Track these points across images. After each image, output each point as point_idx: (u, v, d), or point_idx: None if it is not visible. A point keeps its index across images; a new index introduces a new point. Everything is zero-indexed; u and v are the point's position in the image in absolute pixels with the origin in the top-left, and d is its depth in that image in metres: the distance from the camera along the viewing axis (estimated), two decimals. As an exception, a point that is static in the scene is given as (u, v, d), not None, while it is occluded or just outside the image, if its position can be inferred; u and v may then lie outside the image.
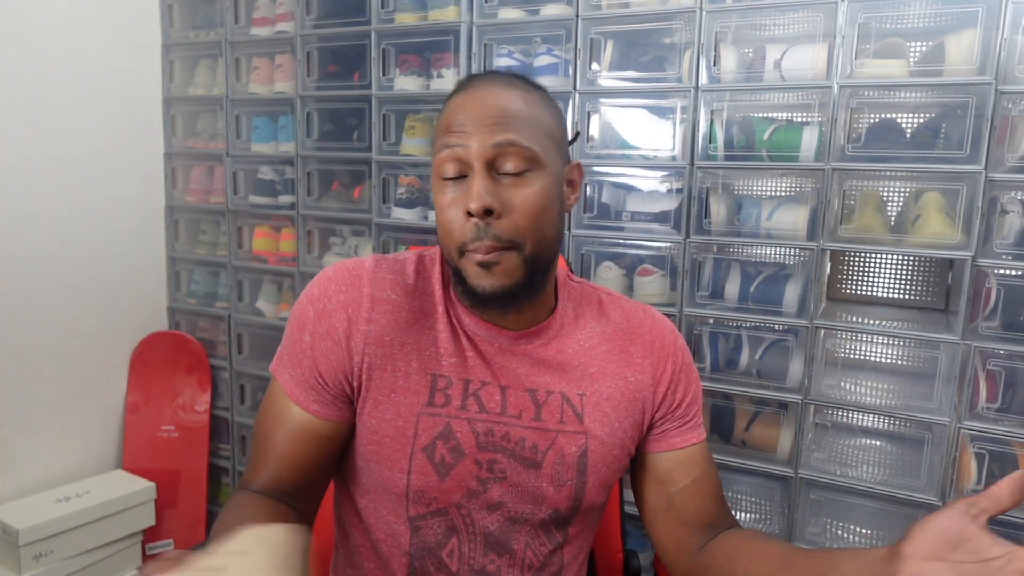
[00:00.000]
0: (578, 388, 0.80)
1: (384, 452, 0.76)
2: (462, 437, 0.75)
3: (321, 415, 0.77)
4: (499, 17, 1.58)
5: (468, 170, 0.71)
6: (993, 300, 1.24)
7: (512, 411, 0.77)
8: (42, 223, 1.78)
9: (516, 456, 0.77)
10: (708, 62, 1.38)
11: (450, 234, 0.72)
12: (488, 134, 0.70)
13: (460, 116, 0.72)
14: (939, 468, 1.29)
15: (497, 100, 0.72)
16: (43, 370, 1.81)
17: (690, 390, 0.85)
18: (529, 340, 0.79)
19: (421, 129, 1.69)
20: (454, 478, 0.75)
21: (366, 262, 0.79)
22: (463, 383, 0.77)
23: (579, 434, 0.78)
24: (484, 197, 0.69)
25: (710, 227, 1.43)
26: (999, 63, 1.18)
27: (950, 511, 0.53)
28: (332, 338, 0.75)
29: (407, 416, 0.75)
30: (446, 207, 0.73)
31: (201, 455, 2.03)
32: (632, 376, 0.82)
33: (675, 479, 0.82)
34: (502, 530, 0.78)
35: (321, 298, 0.77)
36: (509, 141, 0.71)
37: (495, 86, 0.74)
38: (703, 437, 0.85)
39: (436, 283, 0.80)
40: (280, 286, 1.98)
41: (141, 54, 2.00)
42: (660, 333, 0.85)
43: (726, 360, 1.46)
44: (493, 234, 0.70)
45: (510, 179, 0.72)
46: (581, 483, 0.78)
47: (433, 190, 0.75)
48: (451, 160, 0.72)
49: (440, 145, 0.73)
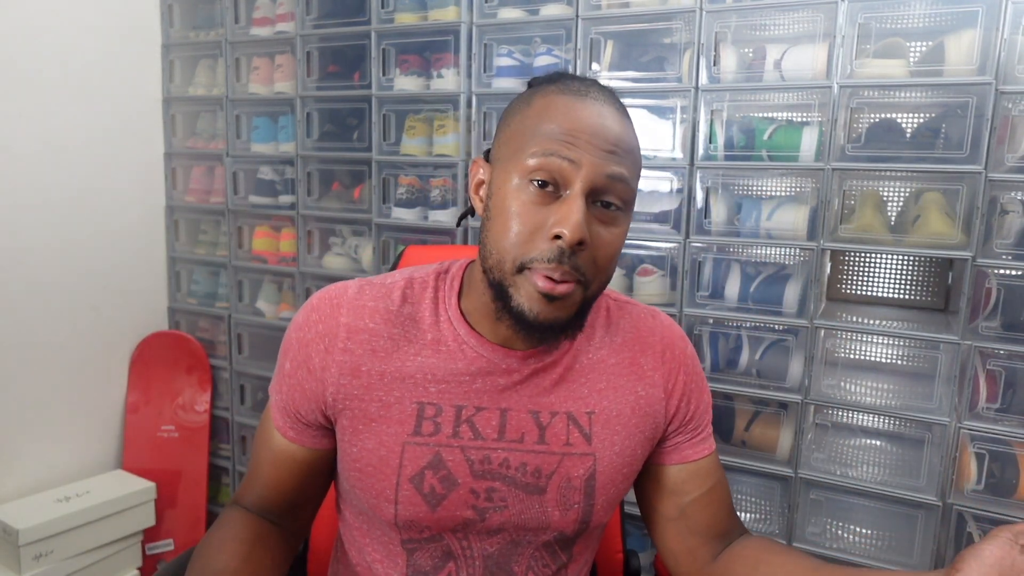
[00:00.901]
0: (586, 406, 0.76)
1: (368, 482, 0.73)
2: (454, 466, 0.72)
3: (297, 442, 0.76)
4: (499, 17, 1.57)
5: (565, 188, 0.65)
6: (993, 300, 1.24)
7: (512, 435, 0.74)
8: (42, 223, 1.78)
9: (517, 483, 0.73)
10: (708, 62, 1.38)
11: (517, 245, 0.66)
12: (603, 160, 0.65)
13: (574, 126, 0.65)
14: (939, 468, 1.29)
15: (614, 124, 0.67)
16: (43, 370, 1.81)
17: (702, 400, 0.83)
18: (539, 359, 0.75)
19: (421, 129, 1.69)
20: (447, 508, 0.73)
21: (350, 288, 0.76)
22: (455, 409, 0.73)
23: (587, 456, 0.75)
24: (583, 229, 0.63)
25: (710, 227, 1.43)
26: (999, 63, 1.18)
27: (998, 541, 0.54)
28: (308, 368, 0.74)
29: (390, 446, 0.72)
30: (523, 214, 0.65)
31: (201, 455, 2.03)
32: (643, 390, 0.79)
33: (687, 490, 0.80)
34: (503, 553, 0.76)
35: (304, 326, 0.75)
36: (621, 176, 0.66)
37: (609, 105, 0.69)
38: (714, 447, 0.83)
39: (426, 308, 0.76)
40: (280, 286, 1.98)
41: (141, 54, 2.00)
42: (670, 342, 0.82)
43: (726, 360, 1.46)
44: (574, 264, 0.65)
45: (602, 213, 0.67)
46: (588, 505, 0.75)
47: (501, 189, 0.68)
48: (551, 169, 0.65)
49: (541, 149, 0.65)
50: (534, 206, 0.66)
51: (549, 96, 0.69)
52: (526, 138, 0.67)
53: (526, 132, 0.68)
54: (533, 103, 0.70)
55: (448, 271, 0.79)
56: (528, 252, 0.65)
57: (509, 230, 0.66)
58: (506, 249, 0.66)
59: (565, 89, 0.69)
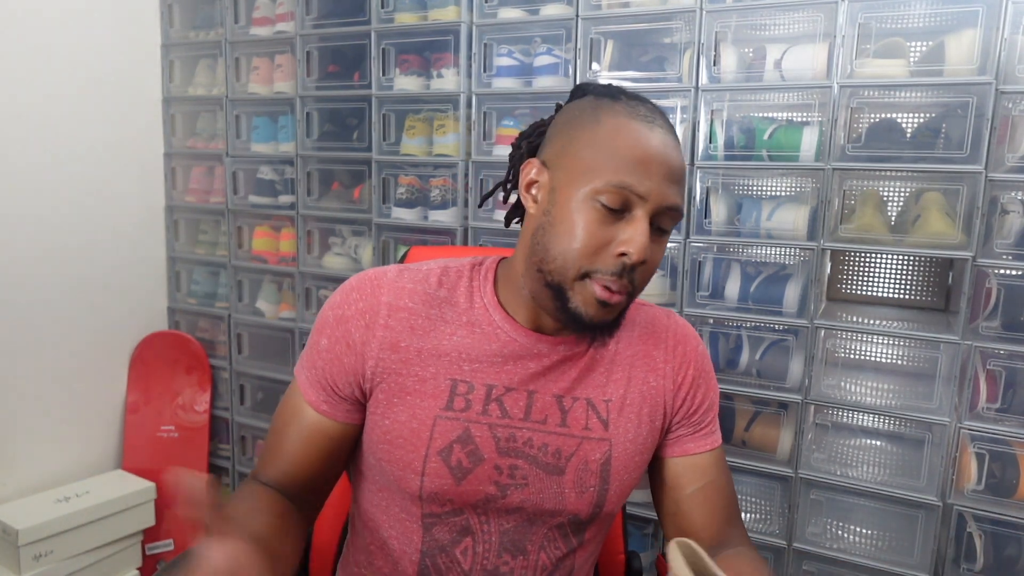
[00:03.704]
0: (604, 394, 0.81)
1: (397, 453, 0.76)
2: (481, 441, 0.76)
3: (330, 415, 0.79)
4: (499, 17, 1.57)
5: (630, 210, 0.72)
6: (993, 300, 1.24)
7: (537, 416, 0.78)
8: (42, 223, 1.78)
9: (538, 462, 0.78)
10: (708, 62, 1.38)
11: (583, 256, 0.71)
12: (666, 191, 0.71)
13: (646, 158, 0.71)
14: (939, 468, 1.29)
15: (676, 155, 0.73)
16: (43, 370, 1.81)
17: (708, 396, 0.86)
18: (568, 348, 0.80)
19: (421, 129, 1.69)
20: (471, 482, 0.76)
21: (390, 271, 0.81)
22: (486, 388, 0.78)
23: (603, 441, 0.79)
24: (647, 251, 0.71)
25: (710, 227, 1.43)
26: (999, 63, 1.18)
27: None
28: (347, 343, 0.78)
29: (422, 419, 0.76)
30: (591, 230, 0.71)
31: (201, 455, 2.03)
32: (654, 381, 0.83)
33: (683, 484, 0.83)
34: (519, 530, 0.79)
35: (342, 304, 0.79)
36: (678, 207, 0.73)
37: (672, 136, 0.74)
38: (718, 444, 0.86)
39: (462, 292, 0.81)
40: (280, 286, 1.98)
41: (141, 54, 2.00)
42: (683, 337, 0.87)
43: (726, 360, 1.46)
44: (631, 278, 0.73)
45: (655, 235, 0.73)
46: (603, 489, 0.79)
47: (567, 200, 0.73)
48: (624, 195, 0.71)
49: (615, 177, 0.70)
50: (601, 224, 0.71)
51: (619, 119, 0.73)
52: (597, 160, 0.72)
53: (596, 153, 0.72)
54: (603, 122, 0.73)
55: (483, 264, 0.84)
56: (593, 264, 0.72)
57: (575, 240, 0.72)
58: (572, 258, 0.72)
59: (634, 115, 0.73)
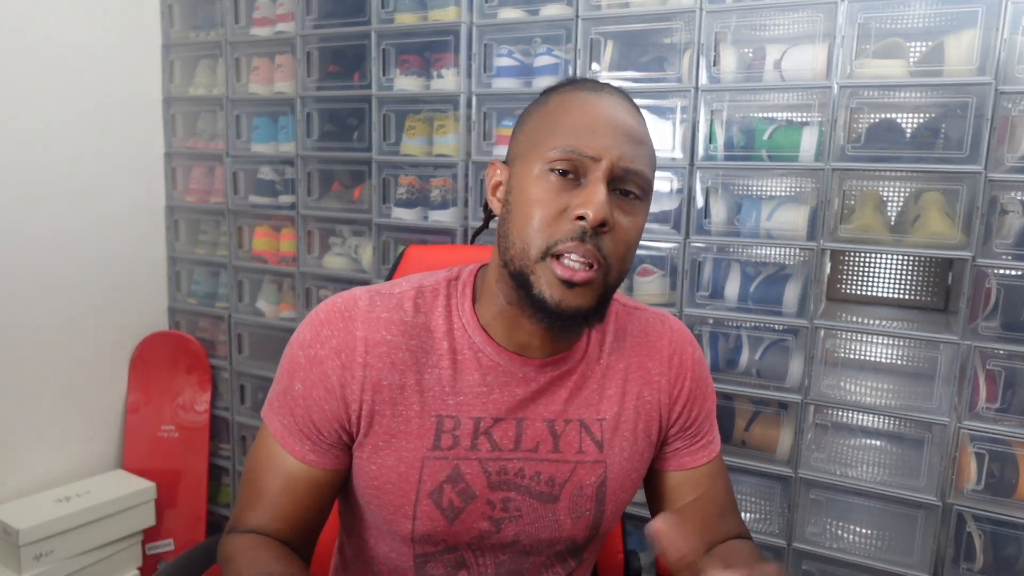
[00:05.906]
0: (597, 413, 0.76)
1: (386, 498, 0.72)
2: (472, 479, 0.72)
3: (318, 464, 0.73)
4: (499, 17, 1.57)
5: (585, 175, 0.67)
6: (993, 300, 1.24)
7: (527, 445, 0.74)
8: (42, 223, 1.78)
9: (531, 492, 0.74)
10: (708, 62, 1.38)
11: (541, 229, 0.67)
12: (620, 150, 0.67)
13: (592, 118, 0.68)
14: (939, 468, 1.29)
15: (629, 117, 0.70)
16: (43, 370, 1.81)
17: (704, 407, 0.83)
18: (556, 367, 0.75)
19: (421, 129, 1.69)
20: (464, 521, 0.72)
21: (360, 300, 0.73)
22: (473, 422, 0.72)
23: (599, 463, 0.76)
24: (607, 209, 0.65)
25: (710, 227, 1.43)
26: (999, 63, 1.18)
27: None
28: (325, 387, 0.71)
29: (410, 462, 0.71)
30: (546, 200, 0.67)
31: (201, 455, 2.03)
32: (649, 395, 0.79)
33: (678, 497, 0.82)
34: (515, 561, 0.76)
35: (313, 343, 0.71)
36: (638, 165, 0.68)
37: (624, 101, 0.72)
38: (715, 454, 0.83)
39: (439, 316, 0.74)
40: (280, 286, 1.98)
41: (141, 54, 2.00)
42: (679, 346, 0.82)
43: (726, 360, 1.46)
44: (596, 243, 0.66)
45: (621, 201, 0.69)
46: (599, 512, 0.76)
47: (522, 181, 0.69)
48: (573, 159, 0.67)
49: (562, 140, 0.67)
50: (556, 192, 0.67)
51: (565, 94, 0.72)
52: (545, 132, 0.69)
53: (545, 127, 0.70)
54: (550, 102, 0.73)
55: (459, 277, 0.77)
56: (553, 235, 0.66)
57: (532, 217, 0.67)
58: (530, 236, 0.67)
59: (580, 87, 0.72)
